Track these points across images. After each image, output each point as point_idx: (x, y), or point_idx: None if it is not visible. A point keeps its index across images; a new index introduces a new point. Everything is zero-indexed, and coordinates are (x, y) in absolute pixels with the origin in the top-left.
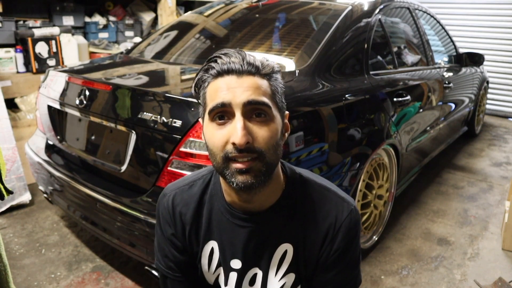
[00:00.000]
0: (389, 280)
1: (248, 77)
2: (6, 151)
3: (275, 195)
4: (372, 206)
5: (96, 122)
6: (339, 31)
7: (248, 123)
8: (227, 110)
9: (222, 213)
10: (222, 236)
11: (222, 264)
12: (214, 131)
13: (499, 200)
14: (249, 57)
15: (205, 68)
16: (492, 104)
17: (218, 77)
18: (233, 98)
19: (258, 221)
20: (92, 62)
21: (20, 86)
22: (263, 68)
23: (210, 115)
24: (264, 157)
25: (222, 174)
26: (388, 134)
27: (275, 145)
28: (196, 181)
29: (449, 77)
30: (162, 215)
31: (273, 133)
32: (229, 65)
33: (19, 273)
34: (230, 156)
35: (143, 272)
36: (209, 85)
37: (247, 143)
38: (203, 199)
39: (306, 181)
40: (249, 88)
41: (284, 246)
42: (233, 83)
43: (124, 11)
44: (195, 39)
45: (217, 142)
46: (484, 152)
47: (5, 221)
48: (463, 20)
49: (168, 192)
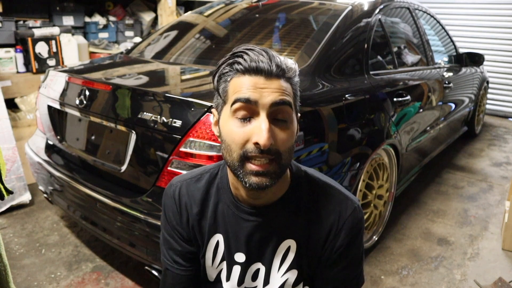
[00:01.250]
0: (389, 280)
1: (276, 80)
2: (6, 151)
3: (281, 191)
4: (372, 206)
5: (96, 122)
6: (339, 31)
7: (271, 125)
8: (252, 108)
9: (228, 206)
10: (227, 229)
11: (226, 257)
12: (235, 127)
13: (499, 200)
14: (277, 59)
15: (230, 62)
16: (492, 104)
17: (245, 75)
18: (260, 97)
19: (263, 216)
20: (92, 62)
21: (20, 86)
22: (288, 71)
23: (232, 109)
24: (280, 159)
25: (235, 171)
26: (388, 134)
27: (291, 148)
28: (203, 175)
29: (449, 77)
30: (167, 205)
31: (291, 136)
32: (258, 64)
33: (19, 273)
34: (249, 155)
35: (143, 272)
36: (232, 79)
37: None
38: (209, 192)
39: (311, 178)
40: (276, 90)
41: (288, 242)
42: (261, 83)
43: (124, 11)
44: (195, 39)
45: (237, 138)
46: (484, 152)
47: (5, 221)
48: (463, 20)
49: (175, 183)
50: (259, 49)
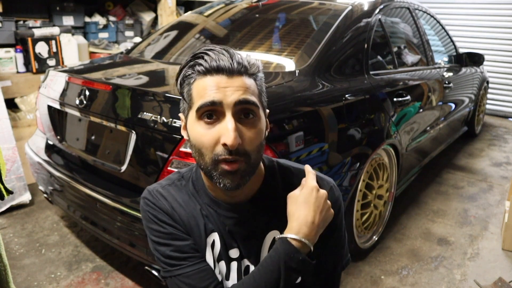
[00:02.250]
0: (389, 280)
1: (238, 77)
2: (6, 151)
3: (256, 185)
4: (372, 206)
5: (96, 122)
6: (339, 31)
7: (237, 124)
8: (217, 109)
9: (209, 206)
10: (219, 226)
11: (223, 256)
12: (203, 130)
13: (499, 200)
14: (237, 56)
15: (191, 64)
16: (492, 104)
17: (207, 75)
18: (223, 97)
19: (243, 211)
20: (92, 62)
21: (20, 86)
22: (251, 67)
23: (198, 113)
24: (249, 159)
25: (209, 174)
26: (388, 134)
27: (259, 146)
28: (179, 179)
29: (449, 77)
30: (155, 212)
31: (259, 134)
32: (219, 63)
33: (19, 273)
34: (220, 158)
35: (143, 272)
36: (195, 81)
37: (238, 144)
38: (189, 195)
39: (284, 167)
40: (239, 88)
41: (272, 233)
42: (223, 82)
43: (124, 11)
44: (195, 39)
45: (206, 142)
46: (484, 152)
47: (5, 221)
48: (463, 20)
49: (152, 189)
50: (219, 48)
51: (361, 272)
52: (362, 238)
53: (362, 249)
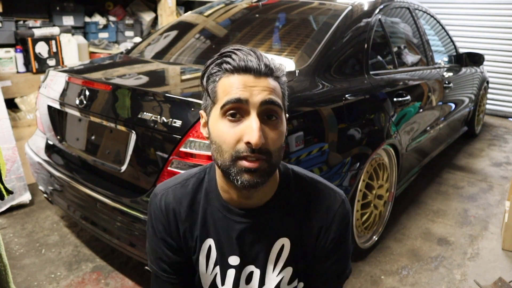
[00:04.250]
0: (389, 280)
1: (264, 78)
2: (6, 151)
3: (271, 191)
4: (372, 206)
5: (96, 122)
6: (339, 31)
7: (262, 124)
8: (242, 107)
9: (218, 210)
10: (219, 232)
11: (219, 262)
12: (226, 128)
13: (499, 200)
14: (265, 58)
15: (219, 62)
16: (492, 104)
17: (234, 74)
18: (250, 96)
19: (254, 217)
20: (92, 62)
21: (20, 86)
22: (276, 70)
23: (222, 110)
24: (271, 158)
25: (226, 171)
26: (388, 134)
27: (280, 147)
28: (189, 179)
29: (449, 77)
30: (154, 215)
31: (281, 135)
32: (247, 63)
33: (19, 273)
34: (241, 156)
35: (143, 272)
36: (221, 79)
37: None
38: (197, 197)
39: (299, 176)
40: (266, 88)
41: (281, 240)
42: (250, 82)
43: (124, 11)
44: (195, 39)
45: (228, 139)
46: (484, 152)
47: (5, 221)
48: (463, 20)
49: (160, 191)
50: (247, 49)
51: (361, 272)
52: (362, 238)
53: (362, 249)
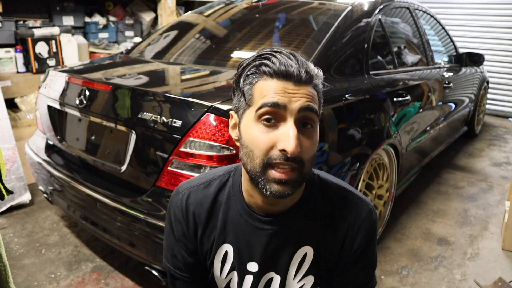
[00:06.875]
0: (389, 280)
1: (305, 86)
2: (6, 151)
3: (296, 196)
4: None
5: (96, 122)
6: (339, 31)
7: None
8: (279, 112)
9: (240, 214)
10: (238, 238)
11: (237, 268)
12: (260, 133)
13: (499, 200)
14: (305, 64)
15: (257, 64)
16: (492, 104)
17: (273, 78)
18: (288, 102)
19: (278, 223)
20: (92, 62)
21: (20, 86)
22: (316, 77)
23: (257, 113)
24: (303, 168)
25: (255, 177)
26: (388, 134)
27: (313, 157)
28: (212, 181)
29: (449, 77)
30: (174, 214)
31: (315, 145)
32: (288, 68)
33: (19, 273)
34: (273, 162)
35: (143, 272)
36: (258, 82)
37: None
38: (218, 200)
39: (324, 182)
40: (305, 96)
41: (304, 249)
42: (290, 88)
43: (124, 11)
44: (195, 39)
45: (262, 144)
46: (484, 152)
47: (5, 221)
48: (463, 20)
49: (182, 190)
50: (286, 52)
51: None
52: None
53: None
